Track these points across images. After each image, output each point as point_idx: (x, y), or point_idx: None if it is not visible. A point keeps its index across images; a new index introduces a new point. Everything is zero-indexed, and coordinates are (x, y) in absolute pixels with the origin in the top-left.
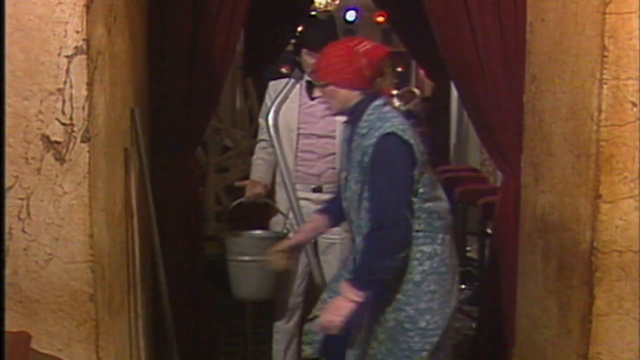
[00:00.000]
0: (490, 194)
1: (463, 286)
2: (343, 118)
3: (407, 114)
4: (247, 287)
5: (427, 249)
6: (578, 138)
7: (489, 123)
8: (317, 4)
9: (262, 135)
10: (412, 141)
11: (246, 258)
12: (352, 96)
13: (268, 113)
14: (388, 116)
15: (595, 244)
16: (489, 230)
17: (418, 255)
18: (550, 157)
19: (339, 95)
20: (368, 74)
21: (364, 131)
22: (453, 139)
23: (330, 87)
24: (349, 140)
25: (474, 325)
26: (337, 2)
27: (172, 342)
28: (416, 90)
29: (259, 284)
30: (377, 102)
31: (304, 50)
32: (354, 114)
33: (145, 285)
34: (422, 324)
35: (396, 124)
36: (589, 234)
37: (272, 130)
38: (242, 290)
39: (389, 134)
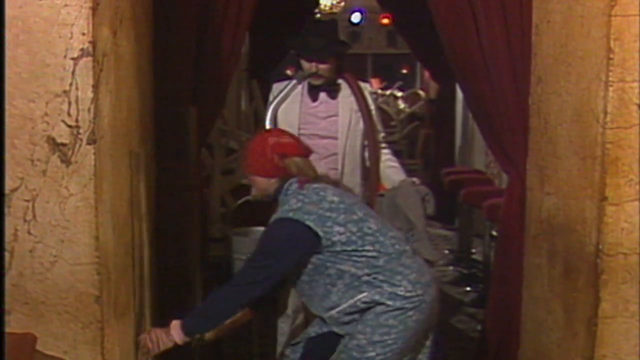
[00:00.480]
0: (495, 196)
1: (468, 288)
2: (346, 118)
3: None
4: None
5: (388, 288)
6: (583, 140)
7: (495, 125)
8: (322, 6)
9: None
10: (304, 217)
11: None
12: (270, 183)
13: (265, 115)
14: (287, 199)
15: (600, 247)
16: (494, 233)
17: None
18: (556, 159)
19: (258, 183)
20: (277, 162)
21: None
22: (458, 141)
23: (252, 177)
24: None
25: (478, 327)
26: (342, 4)
27: None
28: (421, 92)
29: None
30: (285, 186)
31: (303, 60)
32: (276, 199)
33: (150, 287)
34: (371, 354)
35: (291, 205)
36: (594, 236)
37: None
38: None
39: (279, 218)
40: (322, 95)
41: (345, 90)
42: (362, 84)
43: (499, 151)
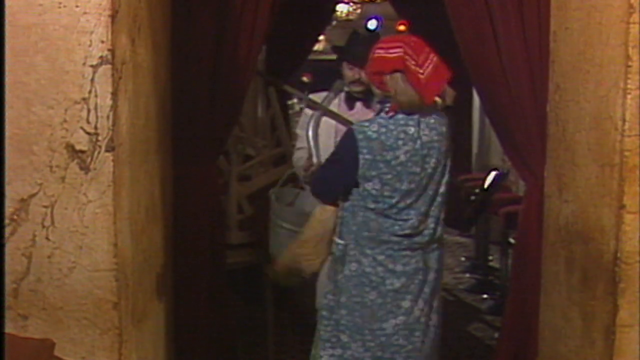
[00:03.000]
0: (512, 203)
1: (485, 296)
2: None
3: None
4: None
5: (354, 252)
6: (602, 148)
7: (513, 132)
8: (338, 13)
9: (300, 144)
10: (360, 137)
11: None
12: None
13: (308, 125)
14: (375, 118)
15: (618, 255)
16: (511, 240)
17: (351, 253)
18: (574, 166)
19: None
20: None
21: None
22: (475, 148)
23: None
24: None
25: (496, 335)
26: (359, 11)
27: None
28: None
29: None
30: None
31: (345, 64)
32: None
33: (167, 293)
34: (336, 317)
35: (364, 125)
36: (612, 244)
37: (312, 141)
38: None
39: (352, 126)
40: (359, 105)
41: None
42: None
43: (516, 158)
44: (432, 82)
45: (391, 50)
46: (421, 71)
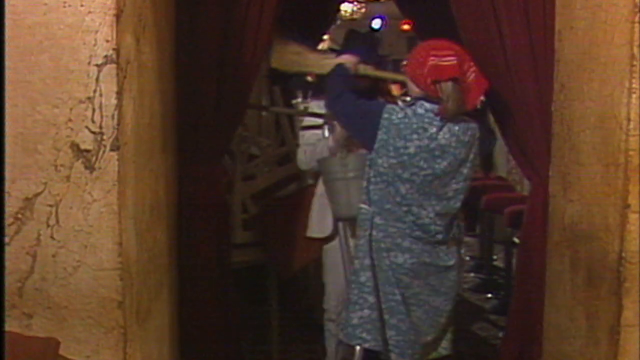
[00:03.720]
0: (517, 202)
1: (489, 295)
2: None
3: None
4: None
5: (376, 219)
6: (607, 147)
7: (517, 131)
8: (343, 13)
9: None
10: (384, 115)
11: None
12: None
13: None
14: (407, 104)
15: (623, 254)
16: (515, 240)
17: (375, 220)
18: (579, 166)
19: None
20: (429, 85)
21: None
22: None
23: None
24: None
25: (500, 334)
26: (363, 10)
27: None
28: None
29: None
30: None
31: None
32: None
33: (172, 292)
34: (362, 279)
35: (395, 108)
36: (617, 244)
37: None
38: (344, 208)
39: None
40: None
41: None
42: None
43: (521, 157)
44: (475, 90)
45: (445, 59)
46: (465, 79)
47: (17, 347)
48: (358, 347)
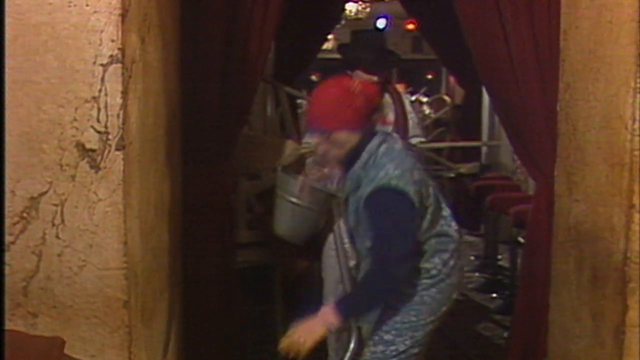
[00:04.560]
0: (522, 202)
1: (494, 295)
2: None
3: (410, 149)
4: (287, 227)
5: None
6: (612, 147)
7: (523, 131)
8: (347, 12)
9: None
10: (407, 188)
11: (296, 201)
12: (353, 138)
13: None
14: (382, 162)
15: (628, 254)
16: (520, 239)
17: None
18: (584, 166)
19: (347, 140)
20: (366, 112)
21: (358, 178)
22: (484, 147)
23: (336, 134)
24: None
25: (505, 334)
26: (367, 10)
27: None
28: (447, 98)
29: (300, 228)
30: (372, 144)
31: (359, 71)
32: (351, 158)
33: (177, 292)
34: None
35: (390, 172)
36: (622, 243)
37: None
38: (282, 228)
39: (382, 187)
40: None
41: (387, 99)
42: (402, 93)
43: (526, 157)
44: (369, 104)
45: (354, 104)
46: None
47: (22, 346)
48: None
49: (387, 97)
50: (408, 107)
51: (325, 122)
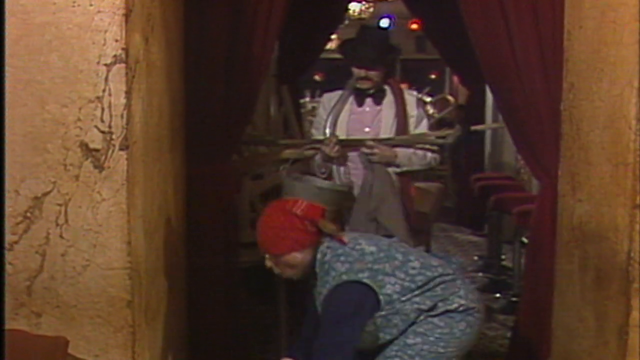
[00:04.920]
0: (525, 202)
1: (498, 295)
2: (389, 124)
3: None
4: None
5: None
6: (616, 147)
7: (526, 131)
8: (351, 12)
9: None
10: (359, 276)
11: None
12: (305, 256)
13: (325, 125)
14: (331, 266)
15: (632, 254)
16: (524, 239)
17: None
18: (588, 165)
19: (297, 260)
20: (310, 230)
21: (320, 282)
22: (488, 147)
23: (285, 257)
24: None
25: (508, 334)
26: (371, 9)
27: None
28: (450, 98)
29: None
30: (319, 256)
31: (354, 67)
32: (311, 270)
33: (180, 291)
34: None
35: (339, 270)
36: (626, 243)
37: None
38: None
39: (334, 287)
40: (368, 101)
41: (389, 96)
42: (407, 91)
43: (530, 157)
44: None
45: (283, 243)
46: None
47: (26, 345)
48: None
49: (388, 94)
50: (412, 105)
51: (272, 247)
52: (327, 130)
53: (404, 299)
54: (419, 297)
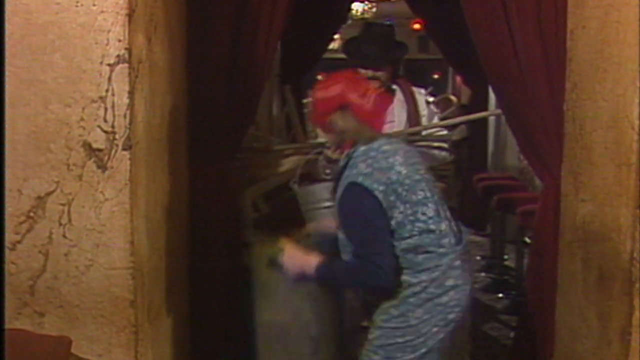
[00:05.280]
0: (528, 202)
1: (500, 295)
2: (402, 123)
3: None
4: None
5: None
6: (619, 147)
7: (529, 131)
8: (354, 12)
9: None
10: (374, 187)
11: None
12: (348, 127)
13: None
14: (356, 162)
15: (635, 255)
16: (527, 239)
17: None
18: (591, 165)
19: (339, 125)
20: (367, 108)
21: (342, 180)
22: (491, 147)
23: (333, 116)
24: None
25: (511, 334)
26: (374, 9)
27: None
28: (453, 98)
29: None
30: (356, 147)
31: (360, 68)
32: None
33: (183, 291)
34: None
35: (360, 170)
36: (629, 244)
37: None
38: None
39: (350, 183)
40: None
41: (398, 95)
42: (416, 89)
43: (533, 157)
44: (379, 111)
45: (331, 89)
46: (365, 102)
47: (29, 345)
48: None
49: (398, 93)
50: (422, 104)
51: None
52: None
53: (396, 231)
54: (402, 250)
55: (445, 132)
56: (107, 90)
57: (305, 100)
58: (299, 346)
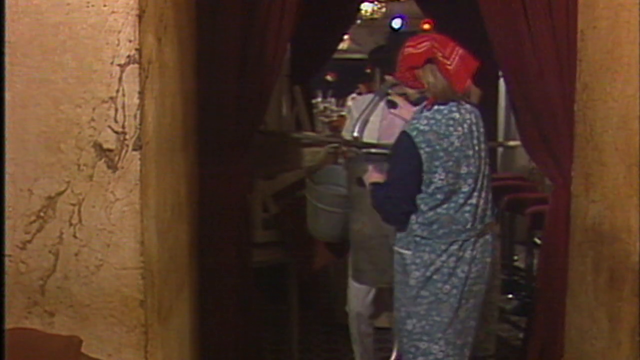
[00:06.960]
0: (538, 203)
1: (510, 296)
2: None
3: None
4: (326, 230)
5: (425, 256)
6: (629, 148)
7: (542, 131)
8: (363, 12)
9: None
10: (414, 133)
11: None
12: (426, 79)
13: (353, 128)
14: (421, 115)
15: None
16: (537, 240)
17: (417, 261)
18: (602, 166)
19: (419, 75)
20: (448, 68)
21: None
22: (500, 147)
23: (423, 69)
24: None
25: (521, 335)
26: (383, 10)
27: None
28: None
29: (335, 229)
30: (422, 105)
31: (387, 75)
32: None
33: (193, 291)
34: (409, 327)
35: (417, 123)
36: (639, 245)
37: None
38: (320, 232)
39: (405, 132)
40: (401, 102)
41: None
42: None
43: (544, 157)
44: (461, 71)
45: (419, 45)
46: (449, 62)
47: (40, 344)
48: None
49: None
50: None
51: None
52: (356, 134)
53: (433, 195)
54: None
55: None
56: (117, 91)
57: (314, 100)
58: (379, 255)
